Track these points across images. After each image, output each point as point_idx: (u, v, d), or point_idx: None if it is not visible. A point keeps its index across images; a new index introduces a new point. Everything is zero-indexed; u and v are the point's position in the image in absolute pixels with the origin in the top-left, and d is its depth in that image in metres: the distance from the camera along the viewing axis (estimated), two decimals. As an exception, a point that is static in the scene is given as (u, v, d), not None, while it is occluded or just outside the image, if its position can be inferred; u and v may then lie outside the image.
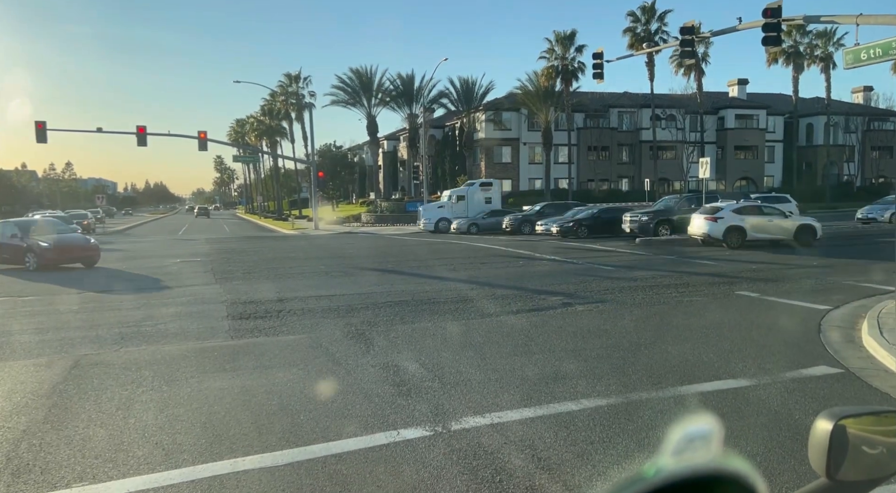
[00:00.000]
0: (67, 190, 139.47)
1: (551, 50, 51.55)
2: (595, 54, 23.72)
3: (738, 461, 0.77)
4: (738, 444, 4.79)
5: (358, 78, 55.38)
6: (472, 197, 38.12)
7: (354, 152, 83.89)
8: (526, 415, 5.53)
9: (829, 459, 1.21)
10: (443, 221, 36.69)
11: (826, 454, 1.22)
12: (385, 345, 8.37)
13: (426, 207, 39.50)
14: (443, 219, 36.84)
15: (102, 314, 11.21)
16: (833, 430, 1.22)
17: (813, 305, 10.47)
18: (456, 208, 37.27)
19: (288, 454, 4.76)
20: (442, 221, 36.81)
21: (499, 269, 17.26)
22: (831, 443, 1.22)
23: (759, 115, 60.58)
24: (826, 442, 1.23)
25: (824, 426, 1.25)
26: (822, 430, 1.25)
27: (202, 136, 38.51)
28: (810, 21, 19.14)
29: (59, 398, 6.28)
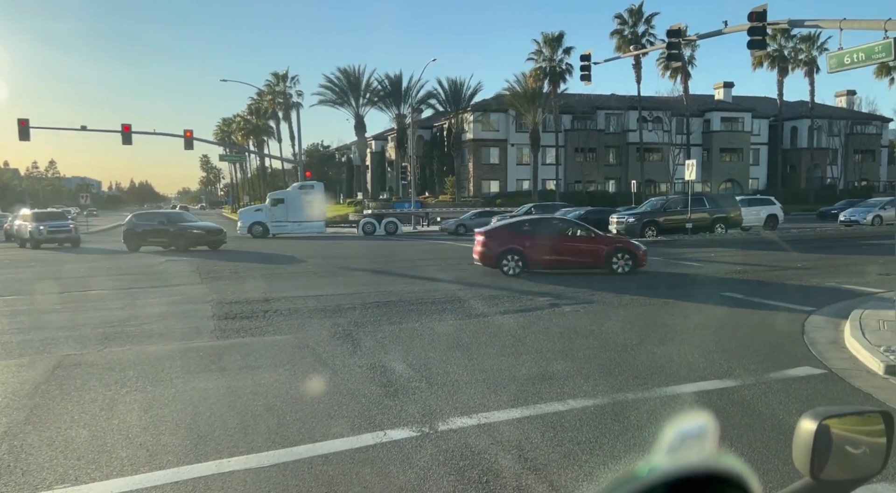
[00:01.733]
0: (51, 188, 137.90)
1: (539, 51, 51.76)
2: (583, 56, 23.82)
3: (732, 461, 0.77)
4: (724, 444, 4.82)
5: (346, 77, 55.21)
6: (292, 201, 35.75)
7: (342, 152, 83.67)
8: (513, 415, 5.54)
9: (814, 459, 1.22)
10: (256, 226, 34.56)
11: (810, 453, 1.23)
12: (372, 345, 8.35)
13: (244, 211, 38.04)
14: (257, 223, 34.70)
15: (86, 314, 11.09)
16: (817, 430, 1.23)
17: (797, 306, 10.58)
18: (274, 212, 35.11)
19: (274, 455, 4.73)
20: (256, 225, 34.61)
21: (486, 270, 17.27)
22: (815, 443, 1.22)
23: (744, 117, 61.16)
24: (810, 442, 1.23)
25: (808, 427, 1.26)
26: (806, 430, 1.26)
27: (188, 134, 38.20)
28: (795, 25, 19.35)
29: (41, 399, 6.21)
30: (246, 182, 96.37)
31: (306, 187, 37.47)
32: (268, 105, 69.73)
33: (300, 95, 65.83)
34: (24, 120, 33.24)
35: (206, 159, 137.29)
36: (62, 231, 28.79)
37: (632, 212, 27.60)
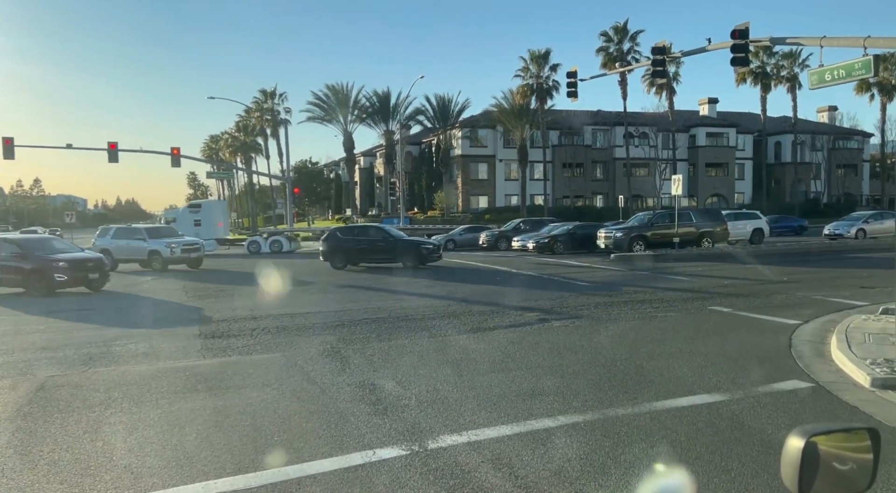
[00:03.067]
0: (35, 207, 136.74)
1: (526, 68, 52.29)
2: (569, 73, 24.07)
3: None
4: (713, 459, 4.83)
5: (334, 94, 55.47)
6: (182, 220, 37.50)
7: (330, 168, 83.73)
8: (503, 433, 5.51)
9: (802, 475, 1.23)
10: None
11: (798, 470, 1.24)
12: (361, 363, 8.29)
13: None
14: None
15: (70, 334, 10.95)
16: (805, 447, 1.23)
17: (783, 320, 10.65)
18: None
19: (261, 476, 4.67)
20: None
21: (475, 285, 17.27)
22: (803, 460, 1.23)
23: (729, 133, 61.95)
24: (798, 459, 1.24)
25: (796, 444, 1.27)
26: (793, 447, 1.27)
27: (175, 152, 38.11)
28: (777, 43, 19.68)
29: (23, 422, 6.10)
30: (234, 199, 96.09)
31: (194, 207, 39.98)
32: (256, 122, 69.76)
33: (288, 112, 66.01)
34: (8, 139, 33.06)
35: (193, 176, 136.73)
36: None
37: (619, 226, 27.76)
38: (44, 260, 16.59)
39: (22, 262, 16.55)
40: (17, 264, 16.50)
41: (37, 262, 16.50)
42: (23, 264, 16.52)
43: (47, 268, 16.29)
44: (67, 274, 16.27)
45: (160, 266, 24.32)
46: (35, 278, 16.28)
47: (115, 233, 26.42)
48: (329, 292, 16.31)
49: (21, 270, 16.42)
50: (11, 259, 16.65)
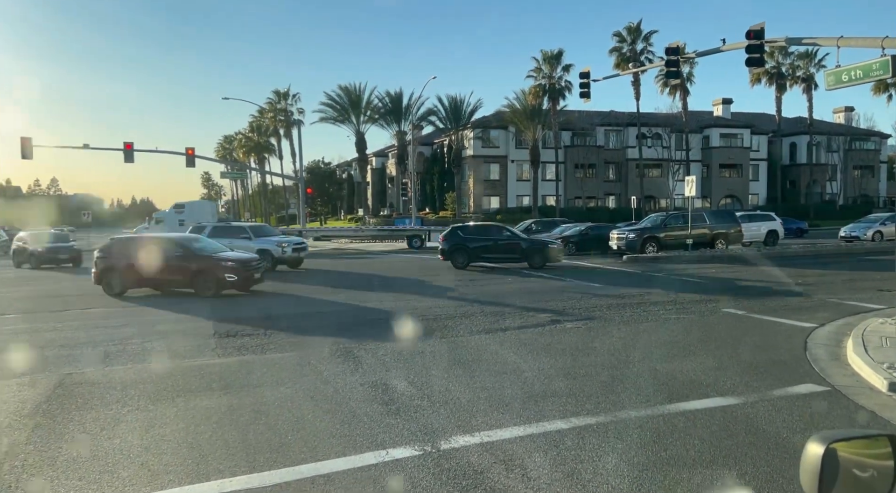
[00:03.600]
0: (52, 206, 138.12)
1: (538, 69, 52.16)
2: (582, 74, 23.98)
3: None
4: (728, 463, 4.81)
5: (347, 95, 55.60)
6: (168, 220, 39.54)
7: (343, 169, 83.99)
8: (515, 434, 5.52)
9: (821, 482, 1.23)
10: None
11: (818, 477, 1.24)
12: (373, 363, 8.33)
13: (137, 229, 40.49)
14: None
15: (87, 332, 11.07)
16: (824, 454, 1.23)
17: (798, 322, 10.56)
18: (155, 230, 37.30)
19: (276, 475, 4.71)
20: None
21: (487, 286, 17.26)
22: (823, 467, 1.23)
23: (743, 134, 61.47)
24: (818, 466, 1.24)
25: (815, 450, 1.27)
26: (813, 454, 1.27)
27: (190, 152, 38.39)
28: (793, 43, 19.50)
29: (42, 418, 6.18)
30: (247, 199, 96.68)
31: (178, 208, 41.52)
32: (269, 122, 70.13)
33: (301, 113, 66.28)
34: (26, 138, 33.44)
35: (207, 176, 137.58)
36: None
37: (632, 228, 27.62)
38: (212, 260, 16.13)
39: (187, 262, 15.93)
40: (182, 264, 15.87)
41: (204, 262, 16.02)
42: (188, 264, 15.89)
43: (216, 268, 15.81)
44: (238, 274, 15.76)
45: (269, 266, 21.52)
46: (203, 278, 15.72)
47: (213, 231, 23.94)
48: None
49: (187, 270, 15.81)
50: (176, 259, 15.98)
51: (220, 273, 15.60)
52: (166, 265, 15.88)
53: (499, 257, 22.46)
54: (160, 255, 16.00)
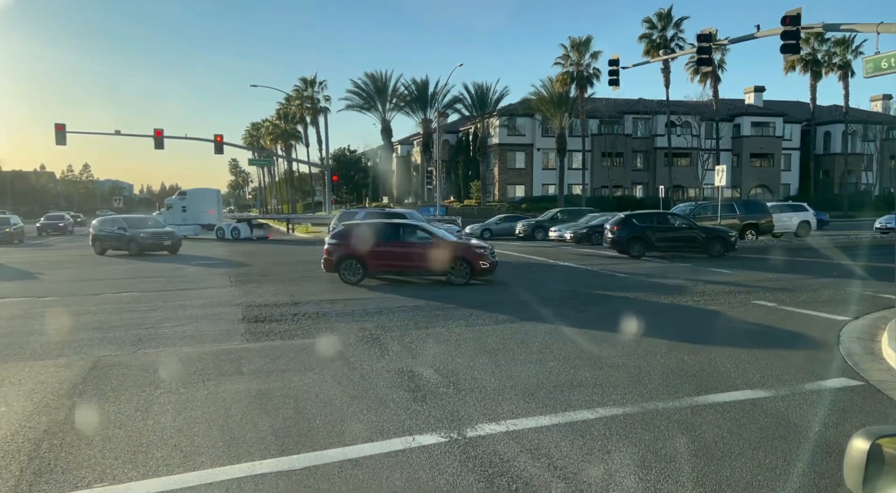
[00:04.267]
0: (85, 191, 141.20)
1: (566, 56, 51.54)
2: (611, 61, 23.69)
3: None
4: (756, 456, 4.75)
5: (373, 82, 55.67)
6: (175, 207, 42.08)
7: (368, 157, 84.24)
8: (541, 423, 5.52)
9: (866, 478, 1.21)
10: None
11: (862, 472, 1.22)
12: (399, 350, 8.38)
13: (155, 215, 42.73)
14: None
15: (120, 316, 11.32)
16: (870, 449, 1.21)
17: (831, 315, 10.37)
18: (166, 216, 39.80)
19: (305, 458, 4.79)
20: None
21: (511, 274, 17.23)
22: (868, 462, 1.21)
23: (775, 122, 60.16)
24: (863, 461, 1.22)
25: (861, 446, 1.25)
26: (858, 449, 1.25)
27: (218, 139, 38.85)
28: (830, 29, 19.00)
29: (78, 399, 6.36)
30: (274, 186, 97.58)
31: (181, 195, 43.67)
32: (296, 110, 70.51)
33: (328, 100, 66.53)
34: (60, 125, 34.16)
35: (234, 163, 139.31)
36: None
37: (660, 218, 27.25)
38: (468, 247, 15.90)
39: (440, 249, 15.47)
40: (433, 250, 15.36)
41: (460, 249, 15.71)
42: (441, 250, 15.46)
43: (473, 255, 15.35)
44: (489, 261, 15.33)
45: None
46: (459, 265, 15.26)
47: (366, 218, 22.81)
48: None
49: (440, 257, 15.27)
50: (427, 246, 15.49)
51: (476, 260, 15.15)
52: (415, 252, 15.43)
53: (677, 246, 21.63)
54: (405, 241, 15.71)
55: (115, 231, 26.31)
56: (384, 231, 16.12)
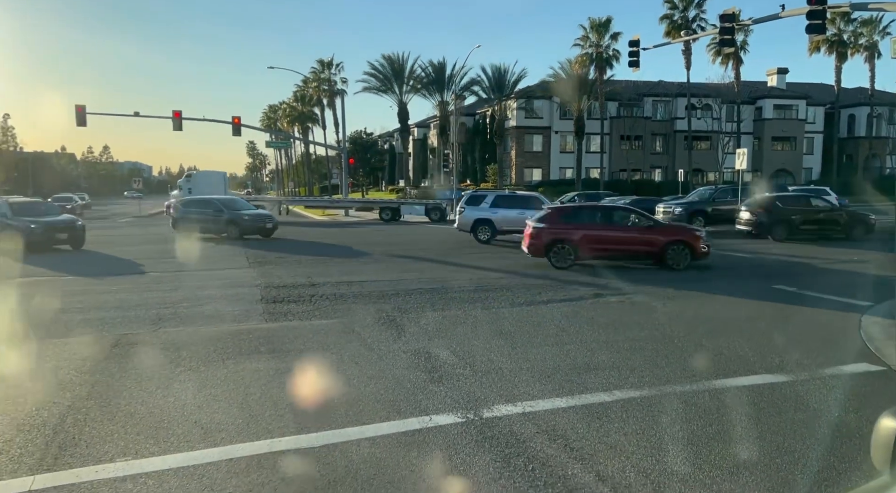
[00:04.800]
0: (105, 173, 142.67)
1: (585, 37, 50.85)
2: (631, 42, 23.35)
3: None
4: (775, 440, 4.73)
5: (390, 65, 55.40)
6: (183, 187, 44.42)
7: (385, 139, 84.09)
8: (558, 405, 5.53)
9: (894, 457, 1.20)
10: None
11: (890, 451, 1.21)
12: (416, 331, 8.42)
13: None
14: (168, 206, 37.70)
15: (140, 295, 11.47)
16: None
17: (853, 301, 10.23)
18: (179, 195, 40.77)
19: (323, 436, 4.84)
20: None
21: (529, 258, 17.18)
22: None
23: (798, 105, 59.01)
24: (891, 440, 1.21)
25: (889, 424, 1.23)
26: (886, 428, 1.24)
27: (236, 121, 38.95)
28: (857, 9, 18.54)
29: (101, 376, 6.47)
30: (291, 168, 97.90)
31: (188, 177, 46.81)
32: (313, 92, 70.44)
33: (344, 82, 66.36)
34: (80, 106, 34.42)
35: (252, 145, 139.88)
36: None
37: (679, 202, 27.03)
38: (687, 231, 15.57)
39: (656, 232, 14.92)
40: (648, 234, 14.80)
41: (679, 233, 15.27)
42: (657, 234, 14.91)
43: (693, 239, 14.80)
44: (707, 245, 14.93)
45: None
46: (677, 249, 14.59)
47: (495, 201, 22.07)
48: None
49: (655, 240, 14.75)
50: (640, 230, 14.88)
51: (697, 244, 14.57)
52: (631, 236, 14.84)
53: (820, 229, 20.99)
54: (620, 225, 15.19)
55: (210, 213, 23.73)
56: (598, 214, 15.56)
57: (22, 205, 21.27)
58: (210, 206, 24.38)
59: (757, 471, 4.23)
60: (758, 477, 4.13)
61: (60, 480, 4.13)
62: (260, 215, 24.17)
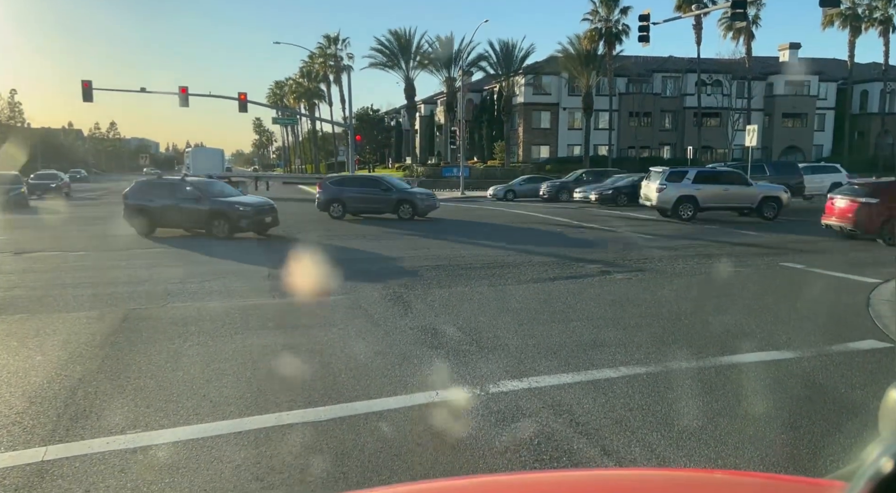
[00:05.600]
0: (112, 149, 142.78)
1: (595, 11, 50.08)
2: (641, 16, 23.00)
3: None
4: (781, 416, 4.74)
5: (397, 40, 54.84)
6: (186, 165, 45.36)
7: (391, 116, 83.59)
8: (564, 380, 5.55)
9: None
10: None
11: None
12: (422, 308, 8.44)
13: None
14: None
15: (148, 271, 11.54)
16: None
17: (861, 278, 10.17)
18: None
19: (330, 410, 4.88)
20: None
21: (534, 234, 17.15)
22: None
23: (810, 81, 58.11)
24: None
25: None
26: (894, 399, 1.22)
27: (242, 97, 38.72)
28: (873, -19, 18.10)
29: (111, 350, 6.53)
30: (297, 145, 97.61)
31: (187, 154, 48.54)
32: (319, 68, 69.95)
33: (351, 58, 65.91)
34: (87, 82, 34.27)
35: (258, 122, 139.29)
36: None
37: (687, 179, 26.77)
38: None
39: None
40: None
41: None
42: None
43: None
44: None
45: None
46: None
47: (698, 176, 21.40)
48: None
49: None
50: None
51: None
52: None
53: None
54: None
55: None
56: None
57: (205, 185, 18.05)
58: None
59: (763, 446, 4.24)
60: (763, 452, 4.15)
61: (72, 451, 4.19)
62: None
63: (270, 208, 17.26)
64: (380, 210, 21.71)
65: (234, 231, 16.46)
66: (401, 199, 21.56)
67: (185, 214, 16.79)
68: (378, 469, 3.93)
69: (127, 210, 17.47)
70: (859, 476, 0.70)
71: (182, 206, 16.74)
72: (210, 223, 16.49)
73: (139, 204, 17.19)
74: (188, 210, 16.69)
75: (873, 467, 0.69)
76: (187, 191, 17.05)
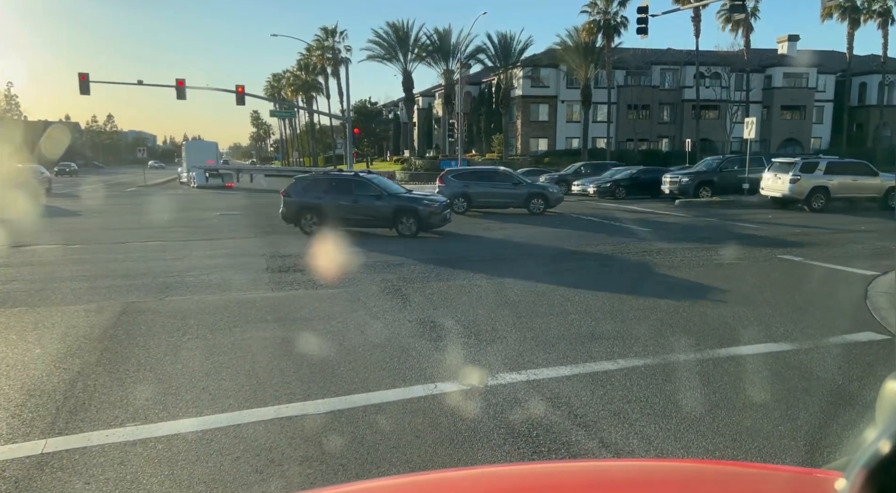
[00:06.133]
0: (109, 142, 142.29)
1: (593, 4, 49.88)
2: (640, 8, 22.93)
3: None
4: (779, 407, 4.76)
5: (394, 32, 54.62)
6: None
7: (389, 109, 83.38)
8: (562, 373, 5.56)
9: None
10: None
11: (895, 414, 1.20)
12: (421, 301, 8.45)
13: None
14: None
15: (147, 264, 11.53)
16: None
17: (859, 270, 10.20)
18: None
19: (329, 403, 4.89)
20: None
21: (531, 228, 17.15)
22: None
23: (809, 73, 58.01)
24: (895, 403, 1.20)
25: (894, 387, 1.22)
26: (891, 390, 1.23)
27: (240, 90, 38.56)
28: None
29: (109, 343, 6.54)
30: (295, 138, 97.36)
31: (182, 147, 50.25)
32: (316, 61, 69.72)
33: (349, 51, 65.76)
34: (84, 74, 34.10)
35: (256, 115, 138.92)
36: None
37: (686, 171, 26.83)
38: None
39: None
40: None
41: None
42: None
43: None
44: None
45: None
46: None
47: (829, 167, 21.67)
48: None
49: None
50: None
51: None
52: None
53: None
54: None
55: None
56: None
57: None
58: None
59: (760, 438, 4.26)
60: (760, 444, 4.17)
61: (71, 444, 4.20)
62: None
63: (447, 205, 16.55)
64: (507, 205, 21.65)
65: (423, 229, 15.52)
66: (531, 193, 21.62)
67: (366, 212, 15.67)
68: (377, 461, 3.94)
69: (289, 208, 16.10)
70: (858, 458, 0.72)
71: (361, 204, 15.62)
72: (397, 221, 15.48)
73: (307, 201, 15.86)
74: (368, 208, 15.61)
75: (871, 448, 0.71)
76: (369, 187, 15.88)
